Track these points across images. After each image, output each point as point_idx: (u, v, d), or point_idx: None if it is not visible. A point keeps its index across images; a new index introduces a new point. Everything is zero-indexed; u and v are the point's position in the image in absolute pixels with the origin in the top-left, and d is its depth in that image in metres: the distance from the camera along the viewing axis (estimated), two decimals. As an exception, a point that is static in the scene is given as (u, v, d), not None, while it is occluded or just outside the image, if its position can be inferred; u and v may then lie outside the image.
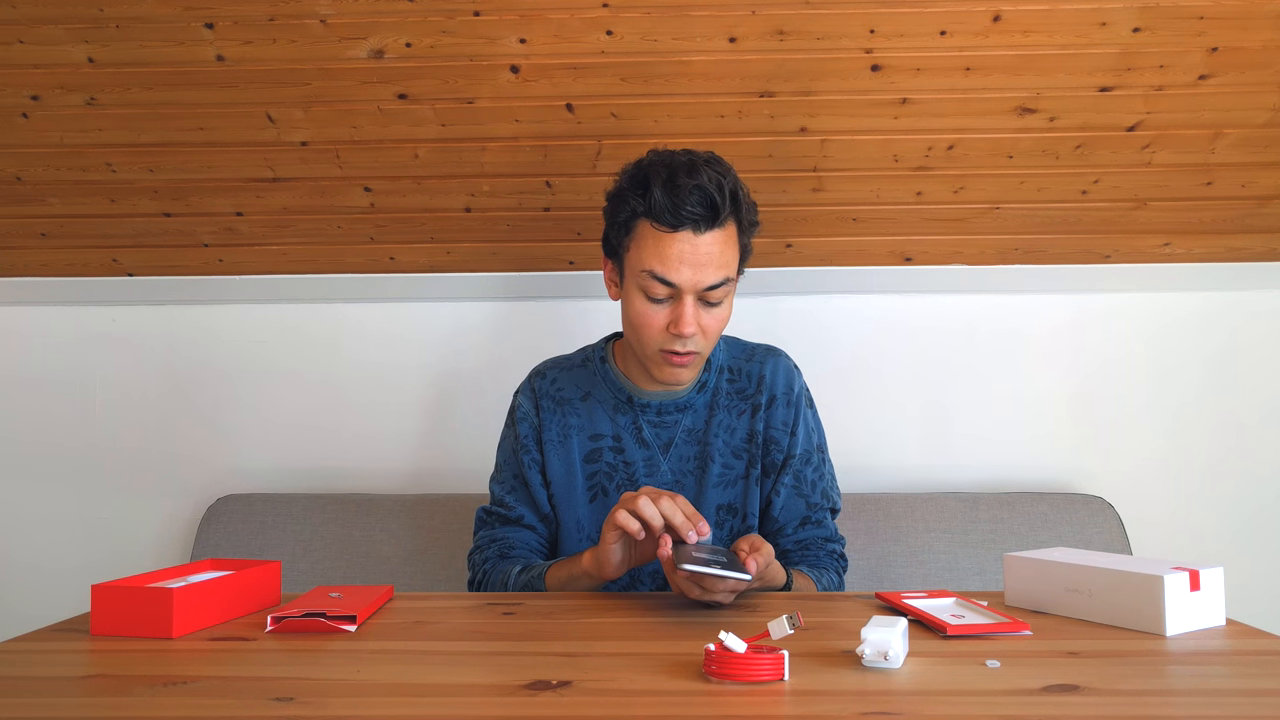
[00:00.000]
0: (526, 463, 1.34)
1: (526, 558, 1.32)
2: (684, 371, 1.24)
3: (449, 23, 1.44)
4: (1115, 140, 1.60)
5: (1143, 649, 0.85)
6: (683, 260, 1.17)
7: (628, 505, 1.05)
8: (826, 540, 1.34)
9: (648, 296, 1.20)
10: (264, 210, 1.76)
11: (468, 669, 0.82)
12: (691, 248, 1.17)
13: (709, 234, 1.17)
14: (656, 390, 1.33)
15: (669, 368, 1.24)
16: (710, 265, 1.17)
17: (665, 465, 1.32)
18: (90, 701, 0.75)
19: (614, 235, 1.25)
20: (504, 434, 1.41)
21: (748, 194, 1.23)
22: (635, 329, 1.23)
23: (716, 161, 1.21)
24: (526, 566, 1.26)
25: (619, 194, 1.23)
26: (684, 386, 1.31)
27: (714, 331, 1.22)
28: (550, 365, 1.41)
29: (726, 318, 1.24)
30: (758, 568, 1.00)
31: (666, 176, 1.16)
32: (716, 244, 1.18)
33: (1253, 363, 1.87)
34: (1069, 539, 1.68)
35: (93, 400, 1.94)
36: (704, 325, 1.21)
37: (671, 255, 1.17)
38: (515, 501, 1.35)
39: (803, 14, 1.42)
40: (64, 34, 1.47)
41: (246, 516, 1.76)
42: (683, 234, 1.17)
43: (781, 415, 1.33)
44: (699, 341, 1.22)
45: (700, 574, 0.96)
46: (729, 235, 1.19)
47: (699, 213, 1.16)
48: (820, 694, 0.74)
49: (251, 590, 1.04)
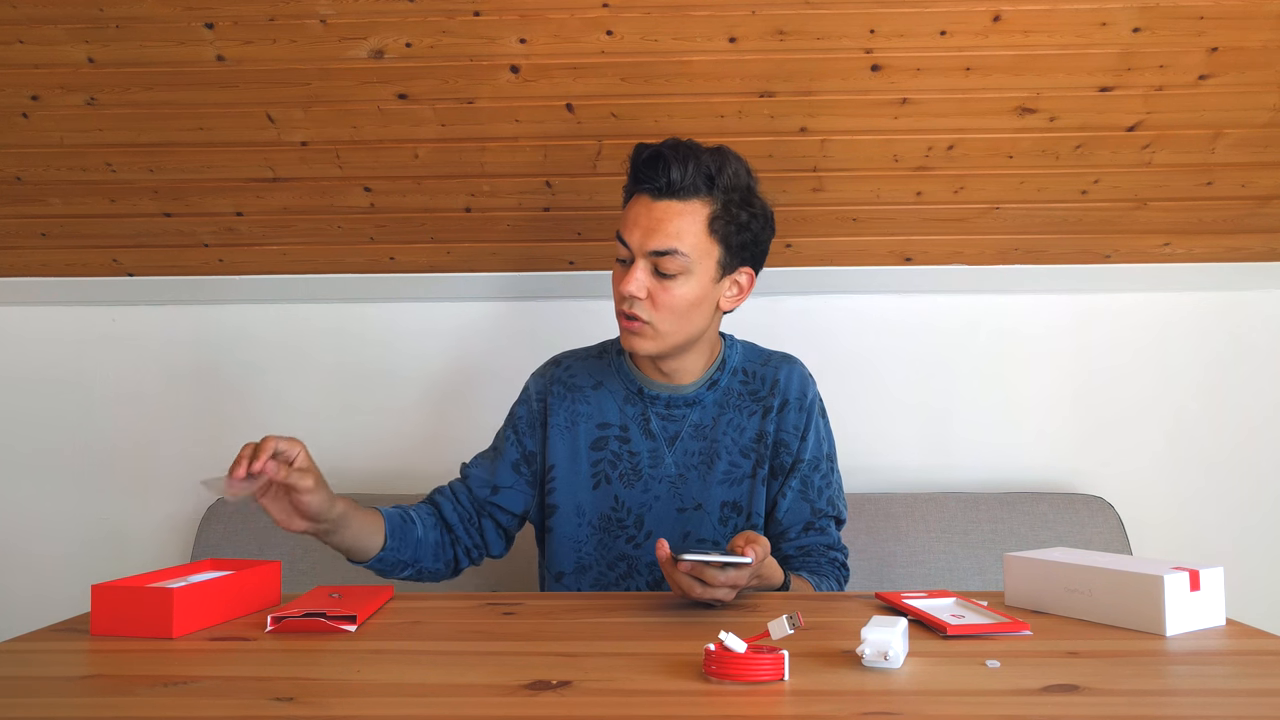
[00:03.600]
0: (508, 437, 1.38)
1: (411, 510, 1.31)
2: (634, 339, 1.27)
3: (449, 23, 1.44)
4: (1115, 140, 1.60)
5: (1143, 649, 0.85)
6: (636, 222, 1.24)
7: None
8: (829, 548, 1.34)
9: (616, 258, 1.28)
10: (264, 210, 1.75)
11: (468, 669, 0.82)
12: (646, 210, 1.23)
13: (665, 201, 1.23)
14: (666, 384, 1.34)
15: (622, 333, 1.28)
16: (659, 231, 1.22)
17: (670, 458, 1.33)
18: (90, 701, 0.75)
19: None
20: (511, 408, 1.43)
21: (748, 190, 1.26)
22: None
23: (716, 150, 1.25)
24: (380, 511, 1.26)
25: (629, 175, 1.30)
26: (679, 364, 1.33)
27: (665, 306, 1.24)
28: (568, 355, 1.44)
29: (684, 296, 1.24)
30: (756, 558, 1.00)
31: (651, 150, 1.24)
32: (671, 213, 1.22)
33: (1252, 363, 1.87)
34: (1069, 539, 1.68)
35: (93, 400, 1.94)
36: (656, 297, 1.24)
37: (629, 216, 1.25)
38: (476, 460, 1.39)
39: (803, 14, 1.42)
40: (64, 34, 1.47)
41: (247, 516, 1.76)
42: (641, 197, 1.25)
43: (794, 419, 1.34)
44: (645, 309, 1.24)
45: (701, 566, 0.97)
46: (690, 211, 1.23)
47: (656, 179, 1.22)
48: (820, 694, 0.74)
49: (251, 590, 1.04)
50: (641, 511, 1.33)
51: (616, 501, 1.33)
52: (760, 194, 1.28)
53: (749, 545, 1.01)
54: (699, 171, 1.22)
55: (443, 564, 1.33)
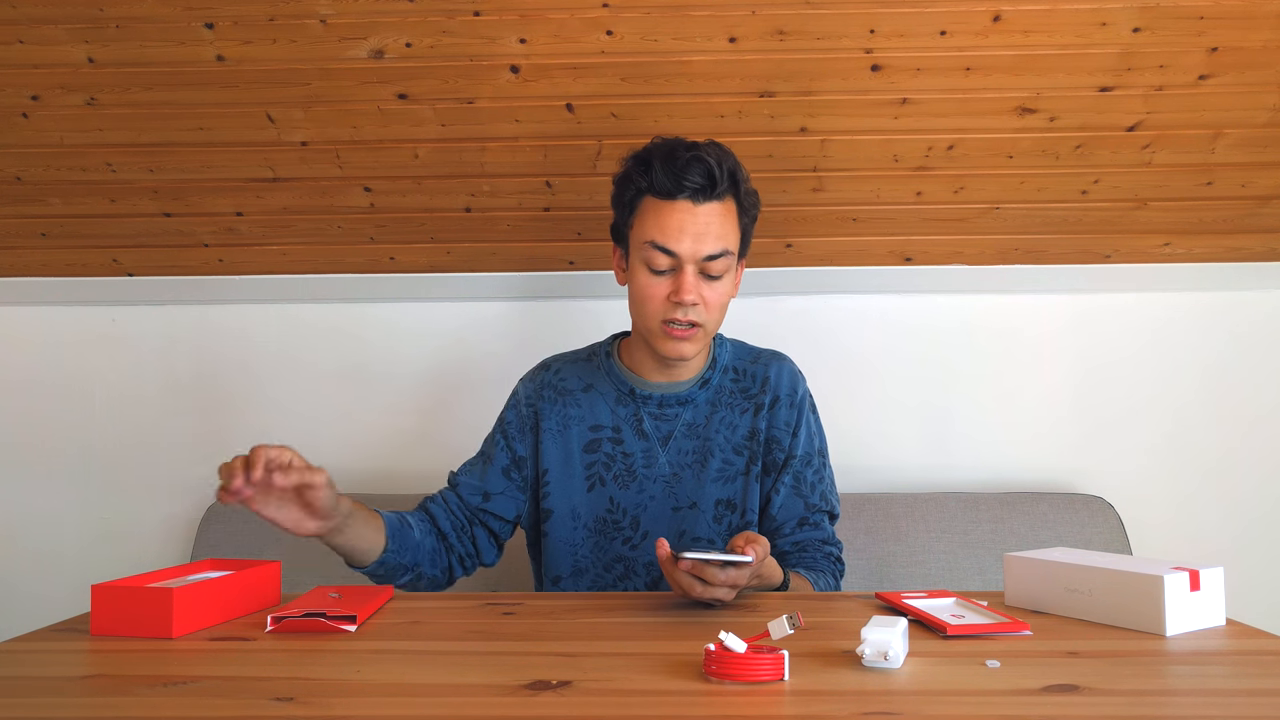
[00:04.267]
0: (497, 442, 1.38)
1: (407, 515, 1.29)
2: (686, 345, 1.26)
3: (449, 23, 1.44)
4: (1115, 140, 1.60)
5: (1143, 649, 0.85)
6: (683, 229, 1.21)
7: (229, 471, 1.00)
8: (824, 543, 1.34)
9: (650, 269, 1.24)
10: (264, 210, 1.75)
11: (467, 669, 0.82)
12: (691, 217, 1.21)
13: (707, 204, 1.22)
14: (659, 383, 1.34)
15: (671, 341, 1.26)
16: (709, 235, 1.22)
17: (664, 457, 1.33)
18: (90, 701, 0.75)
19: (620, 217, 1.30)
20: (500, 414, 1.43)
21: (748, 180, 1.27)
22: (639, 304, 1.27)
23: (717, 145, 1.26)
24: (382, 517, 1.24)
25: (624, 176, 1.28)
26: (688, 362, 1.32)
27: (715, 305, 1.25)
28: (557, 359, 1.44)
29: (727, 294, 1.27)
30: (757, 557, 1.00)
31: (667, 152, 1.22)
32: (715, 215, 1.22)
33: (1252, 363, 1.87)
34: (1069, 539, 1.68)
35: (93, 400, 1.94)
36: (705, 298, 1.24)
37: (672, 225, 1.22)
38: (465, 468, 1.39)
39: (803, 14, 1.42)
40: (64, 34, 1.47)
41: (247, 516, 1.76)
42: (682, 203, 1.22)
43: (784, 416, 1.34)
44: (700, 313, 1.24)
45: (702, 564, 0.97)
46: (728, 209, 1.24)
47: (698, 182, 1.20)
48: (820, 694, 0.74)
49: (251, 590, 1.04)
50: (637, 512, 1.33)
51: (612, 503, 1.33)
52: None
53: (749, 545, 1.01)
54: (726, 170, 1.22)
55: (439, 570, 1.32)
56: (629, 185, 1.26)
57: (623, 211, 1.29)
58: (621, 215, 1.30)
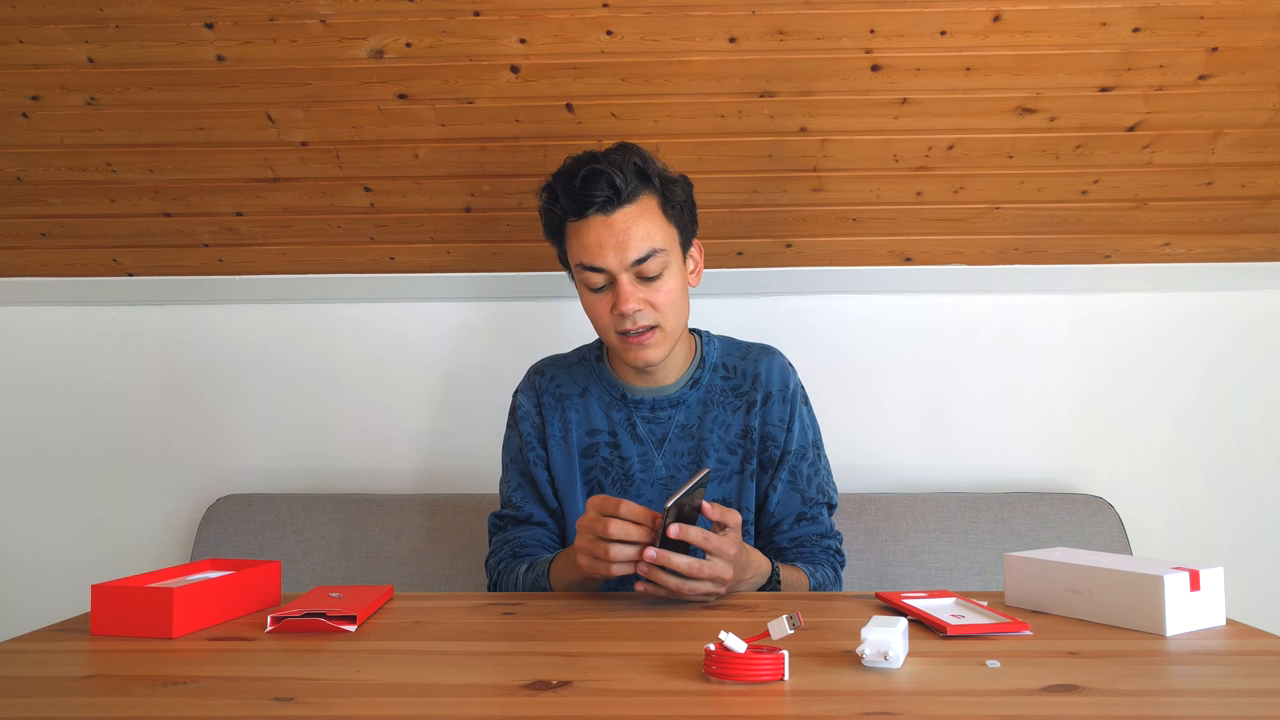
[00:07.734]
0: (532, 460, 1.37)
1: (536, 554, 1.33)
2: (649, 350, 1.27)
3: (449, 23, 1.45)
4: (1115, 140, 1.60)
5: (1143, 649, 0.85)
6: (603, 244, 1.22)
7: (588, 550, 1.05)
8: (822, 537, 1.34)
9: (590, 289, 1.27)
10: (264, 210, 1.75)
11: (468, 669, 0.82)
12: (607, 229, 1.22)
13: (620, 211, 1.22)
14: (649, 387, 1.35)
15: (632, 350, 1.27)
16: (631, 240, 1.22)
17: (660, 461, 1.33)
18: (90, 701, 0.75)
19: (557, 249, 1.32)
20: (507, 435, 1.43)
21: (664, 169, 1.27)
22: (593, 323, 1.30)
23: (620, 147, 1.26)
24: (532, 564, 1.27)
25: (542, 209, 1.29)
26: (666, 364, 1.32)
27: (665, 303, 1.25)
28: (548, 363, 1.43)
29: (676, 289, 1.26)
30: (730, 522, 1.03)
31: (567, 175, 1.23)
32: (631, 219, 1.22)
33: (1252, 362, 1.87)
34: (1069, 539, 1.68)
35: (92, 400, 1.94)
36: (651, 301, 1.24)
37: (591, 242, 1.23)
38: (522, 500, 1.37)
39: (803, 14, 1.42)
40: (64, 34, 1.47)
41: (246, 516, 1.76)
42: (594, 219, 1.22)
43: (777, 411, 1.34)
44: (650, 315, 1.24)
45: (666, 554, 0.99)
46: (645, 208, 1.24)
47: (603, 194, 1.21)
48: (820, 694, 0.74)
49: (251, 590, 1.04)
50: None
51: None
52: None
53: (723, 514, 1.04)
54: (632, 170, 1.22)
55: None
56: (549, 216, 1.28)
57: (555, 241, 1.31)
58: (556, 245, 1.31)
